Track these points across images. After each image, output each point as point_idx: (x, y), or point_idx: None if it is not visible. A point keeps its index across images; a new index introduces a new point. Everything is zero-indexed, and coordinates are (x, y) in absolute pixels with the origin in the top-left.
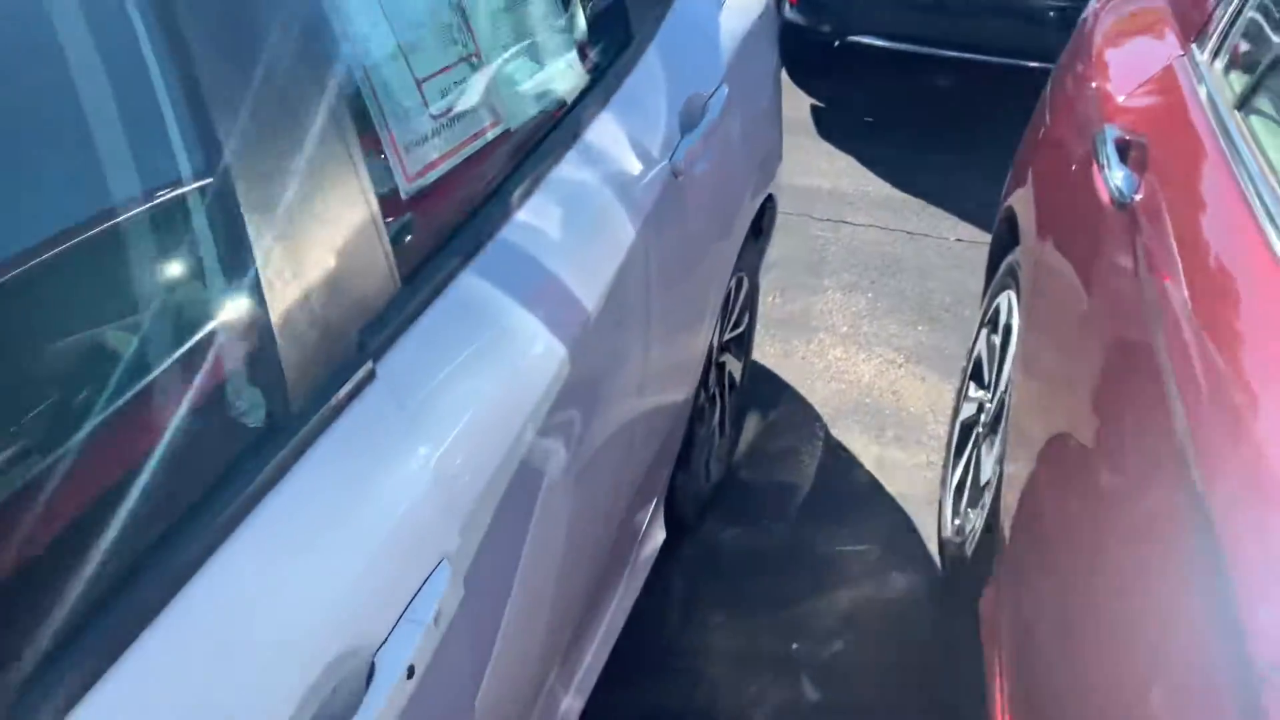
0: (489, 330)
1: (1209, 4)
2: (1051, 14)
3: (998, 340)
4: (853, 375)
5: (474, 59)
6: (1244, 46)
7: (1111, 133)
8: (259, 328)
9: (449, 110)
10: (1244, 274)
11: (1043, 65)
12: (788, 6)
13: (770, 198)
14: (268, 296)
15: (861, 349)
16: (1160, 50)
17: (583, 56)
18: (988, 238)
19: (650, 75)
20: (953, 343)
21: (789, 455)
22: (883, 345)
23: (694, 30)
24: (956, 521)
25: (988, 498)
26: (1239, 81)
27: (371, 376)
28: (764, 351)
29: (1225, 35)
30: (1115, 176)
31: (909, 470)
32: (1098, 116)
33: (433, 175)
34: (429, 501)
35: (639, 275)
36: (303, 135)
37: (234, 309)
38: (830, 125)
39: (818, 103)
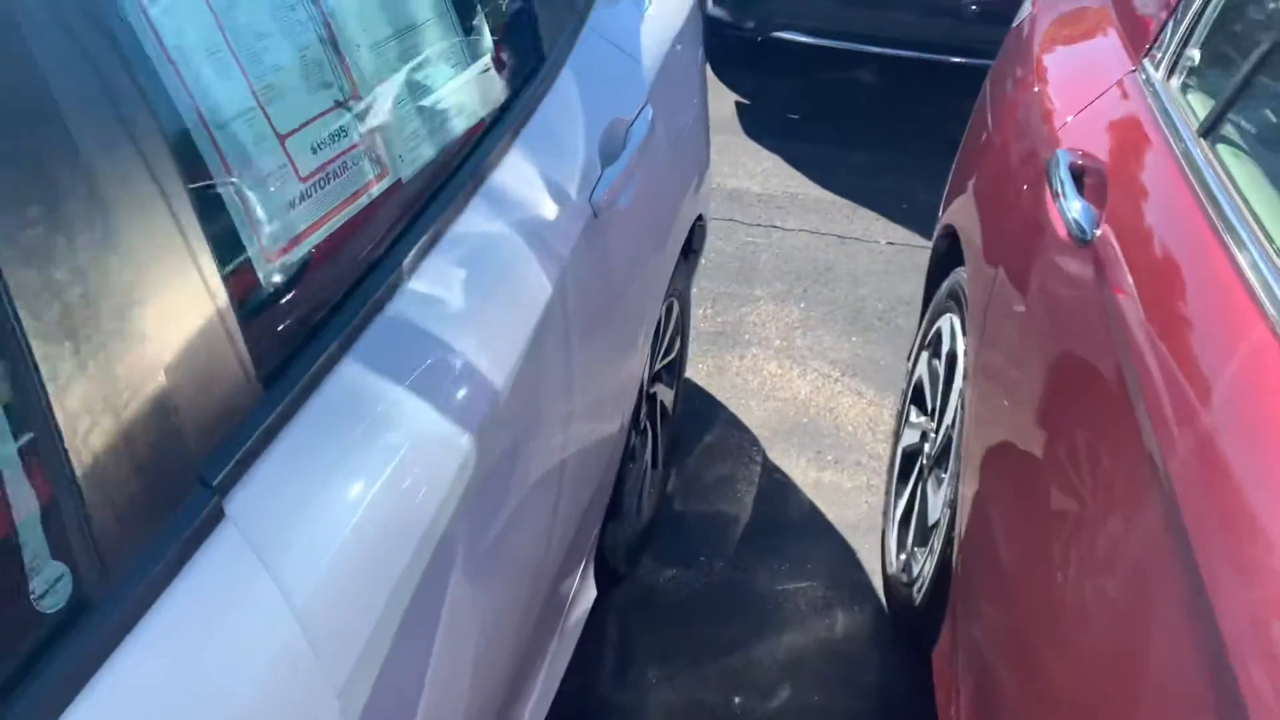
0: (375, 432)
1: (1157, 14)
2: (974, 8)
3: (941, 367)
4: (788, 392)
5: (352, 101)
6: (1202, 68)
7: (1065, 158)
8: (53, 477)
9: (321, 168)
10: (1222, 324)
11: (967, 61)
12: (710, 1)
13: (700, 216)
14: (65, 432)
15: (796, 364)
16: (1107, 59)
17: (486, 86)
18: (918, 240)
19: (565, 103)
20: (888, 354)
21: (726, 484)
22: (818, 359)
23: (614, 46)
24: (902, 557)
25: (937, 542)
26: (1201, 106)
27: (219, 518)
28: (696, 368)
29: (1179, 53)
30: (1072, 208)
31: (850, 494)
32: (1046, 137)
33: (301, 249)
34: (298, 671)
35: (557, 332)
36: (113, 215)
37: (11, 457)
38: (755, 122)
39: (742, 99)
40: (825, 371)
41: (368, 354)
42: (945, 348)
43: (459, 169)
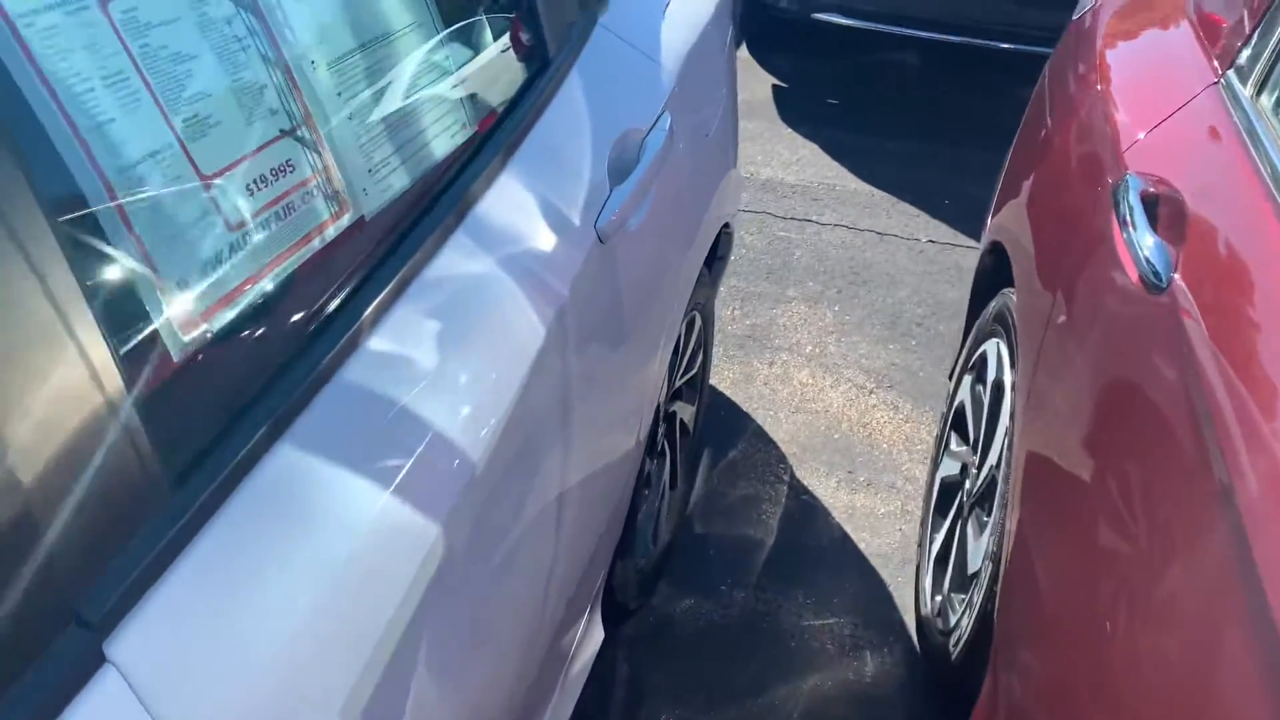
0: (315, 531)
1: (1240, 12)
2: None
3: (985, 395)
4: (820, 404)
5: (303, 130)
6: None
7: (1135, 185)
8: None
9: (259, 212)
10: None
11: (1019, 47)
12: None
13: (726, 224)
14: None
15: (829, 372)
16: (1184, 65)
17: (476, 102)
18: (961, 239)
19: (570, 115)
20: (927, 364)
21: (750, 504)
22: (852, 368)
23: (630, 46)
24: (937, 599)
25: (977, 595)
26: None
27: (98, 664)
28: (722, 375)
29: (1272, 65)
30: (1145, 245)
31: (882, 520)
32: (1114, 156)
33: (229, 313)
34: None
35: (553, 378)
36: None
37: None
38: (792, 108)
39: (779, 82)
40: (859, 382)
41: (311, 434)
42: (991, 375)
43: (438, 200)
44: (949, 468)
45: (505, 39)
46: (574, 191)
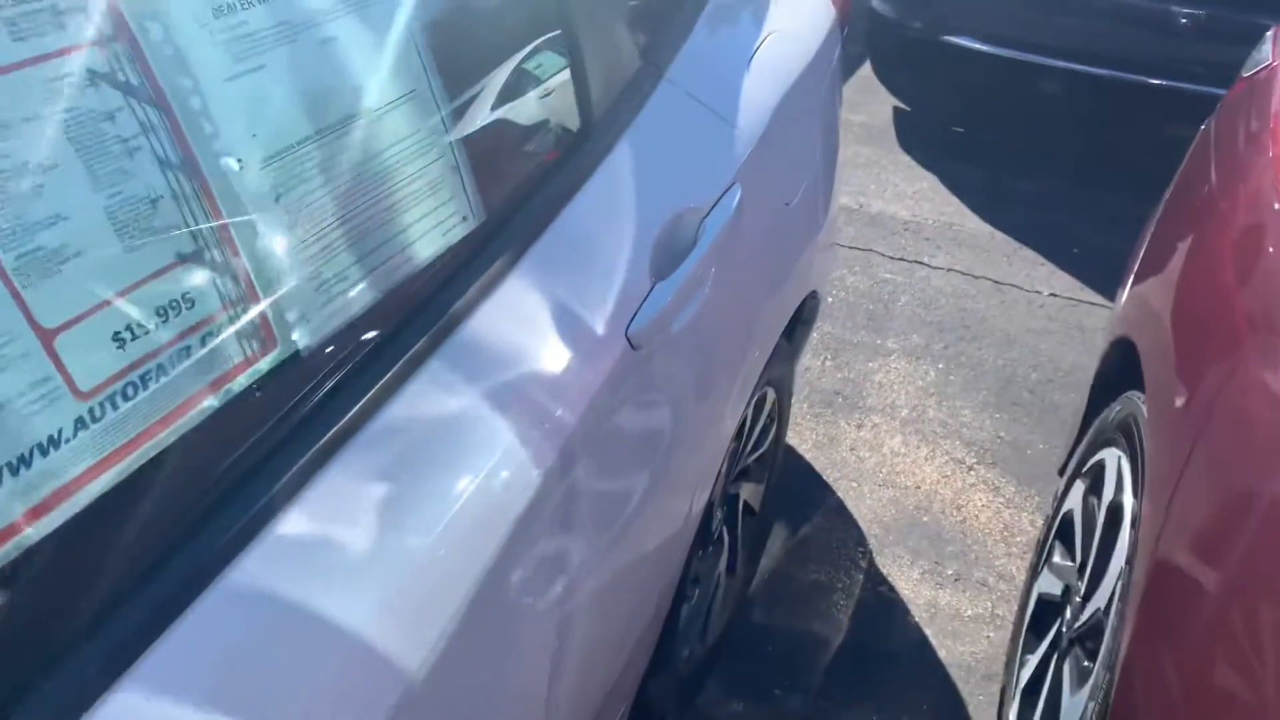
0: None
1: None
2: (1184, 21)
3: (1099, 512)
4: (910, 479)
5: (213, 250)
6: None
7: None
8: None
9: (129, 369)
10: None
11: (1170, 84)
12: None
13: (813, 293)
14: None
15: (925, 441)
16: None
17: (488, 181)
18: (1088, 294)
19: (611, 194)
20: (1037, 440)
21: (819, 593)
22: (951, 438)
23: (700, 104)
24: None
25: None
26: None
27: None
28: (804, 435)
29: None
30: None
31: (968, 624)
32: None
33: (57, 519)
34: None
35: (548, 531)
36: None
37: None
38: (914, 135)
39: (901, 105)
40: (958, 456)
41: (166, 669)
42: (1108, 494)
43: (410, 321)
44: (1049, 583)
45: (531, 103)
46: (602, 292)
